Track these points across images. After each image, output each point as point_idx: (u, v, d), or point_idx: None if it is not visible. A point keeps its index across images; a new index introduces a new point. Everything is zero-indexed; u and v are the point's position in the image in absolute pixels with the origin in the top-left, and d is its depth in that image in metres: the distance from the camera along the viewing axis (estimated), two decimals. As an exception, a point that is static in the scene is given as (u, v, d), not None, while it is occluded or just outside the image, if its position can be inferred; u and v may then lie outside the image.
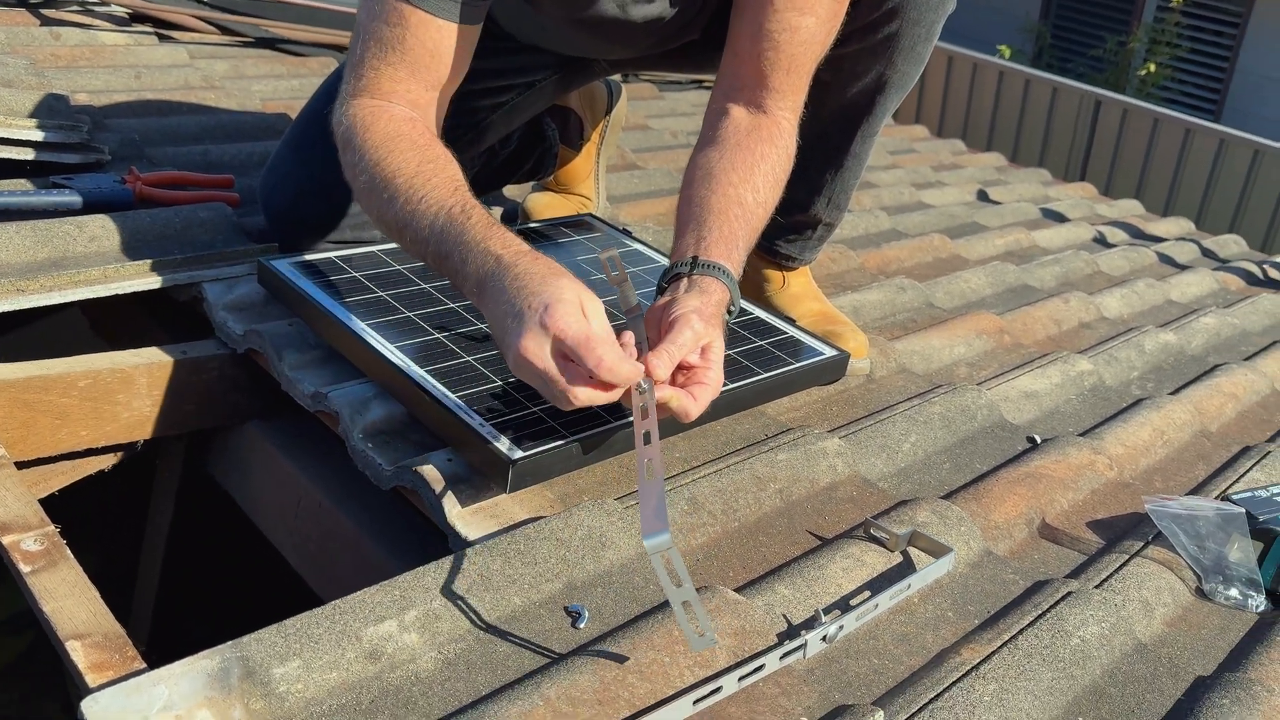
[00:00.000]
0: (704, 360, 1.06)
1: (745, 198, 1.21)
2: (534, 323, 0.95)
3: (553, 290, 0.97)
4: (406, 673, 0.83)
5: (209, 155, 1.81)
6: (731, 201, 1.19)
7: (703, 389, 1.04)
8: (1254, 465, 1.43)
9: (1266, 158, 3.78)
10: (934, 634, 0.99)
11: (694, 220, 1.19)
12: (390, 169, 1.11)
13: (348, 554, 1.21)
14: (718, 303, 1.11)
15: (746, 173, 1.22)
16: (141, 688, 0.74)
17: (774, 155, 1.25)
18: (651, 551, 0.87)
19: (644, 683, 0.84)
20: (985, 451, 1.38)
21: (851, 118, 1.43)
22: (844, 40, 1.34)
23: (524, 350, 0.95)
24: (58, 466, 1.29)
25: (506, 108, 1.56)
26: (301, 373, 1.23)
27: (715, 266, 1.13)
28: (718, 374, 1.06)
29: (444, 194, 1.08)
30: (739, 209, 1.19)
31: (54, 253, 1.35)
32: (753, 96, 1.27)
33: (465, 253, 1.04)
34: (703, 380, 1.05)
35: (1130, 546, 1.17)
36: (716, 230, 1.16)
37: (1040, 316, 1.92)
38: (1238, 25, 6.74)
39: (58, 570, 0.92)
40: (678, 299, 1.09)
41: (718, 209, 1.18)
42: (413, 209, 1.08)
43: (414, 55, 1.17)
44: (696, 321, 1.04)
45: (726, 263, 1.14)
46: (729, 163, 1.22)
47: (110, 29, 2.40)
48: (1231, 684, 0.95)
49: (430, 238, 1.07)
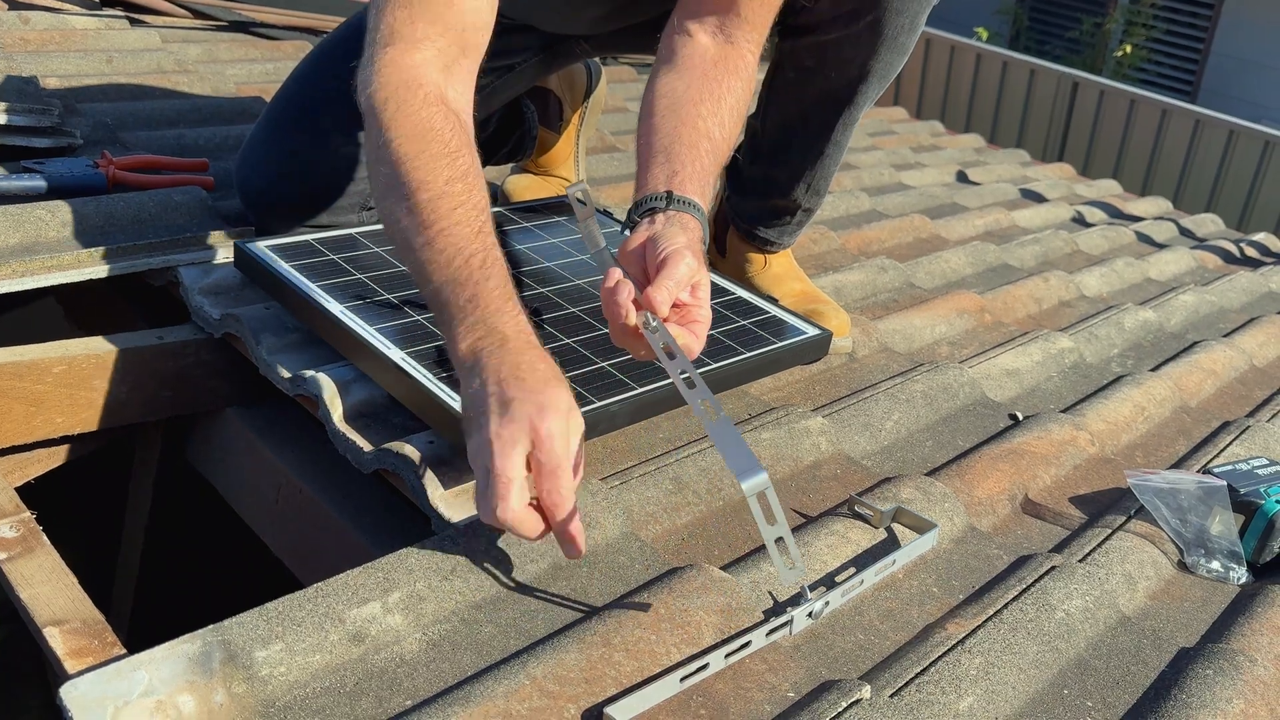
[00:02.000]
0: (694, 298, 1.03)
1: (713, 132, 1.17)
2: (522, 419, 0.87)
3: (550, 397, 0.90)
4: (391, 654, 0.83)
5: (183, 139, 1.79)
6: (701, 135, 1.15)
7: (699, 326, 1.02)
8: (1234, 440, 1.44)
9: (1242, 138, 3.81)
10: (919, 609, 1.00)
11: (663, 152, 1.14)
12: (416, 177, 1.01)
13: (330, 539, 1.20)
14: (698, 239, 1.07)
15: (714, 105, 1.18)
16: (121, 673, 0.73)
17: (739, 88, 1.22)
18: (750, 492, 0.87)
19: (630, 661, 0.84)
20: (968, 429, 1.38)
21: (833, 105, 1.42)
22: (827, 26, 1.33)
23: (497, 437, 0.87)
24: (33, 454, 1.27)
25: (485, 90, 1.54)
26: (280, 356, 1.21)
27: (690, 203, 1.09)
28: (708, 311, 1.04)
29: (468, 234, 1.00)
30: (708, 143, 1.15)
31: (26, 238, 1.32)
32: (721, 24, 1.22)
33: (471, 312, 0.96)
34: (697, 318, 1.03)
35: (1113, 521, 1.17)
36: (689, 165, 1.12)
37: (1021, 295, 1.93)
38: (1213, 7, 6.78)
39: (34, 557, 0.91)
40: (661, 234, 1.04)
41: (688, 142, 1.14)
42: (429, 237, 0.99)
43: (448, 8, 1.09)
44: (690, 258, 1.01)
45: (699, 199, 1.10)
46: (696, 94, 1.18)
47: (81, 13, 2.36)
48: (1214, 654, 0.96)
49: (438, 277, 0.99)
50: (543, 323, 1.27)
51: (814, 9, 1.32)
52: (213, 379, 1.33)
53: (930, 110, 4.47)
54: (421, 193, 1.01)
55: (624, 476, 1.09)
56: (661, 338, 0.97)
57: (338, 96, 1.40)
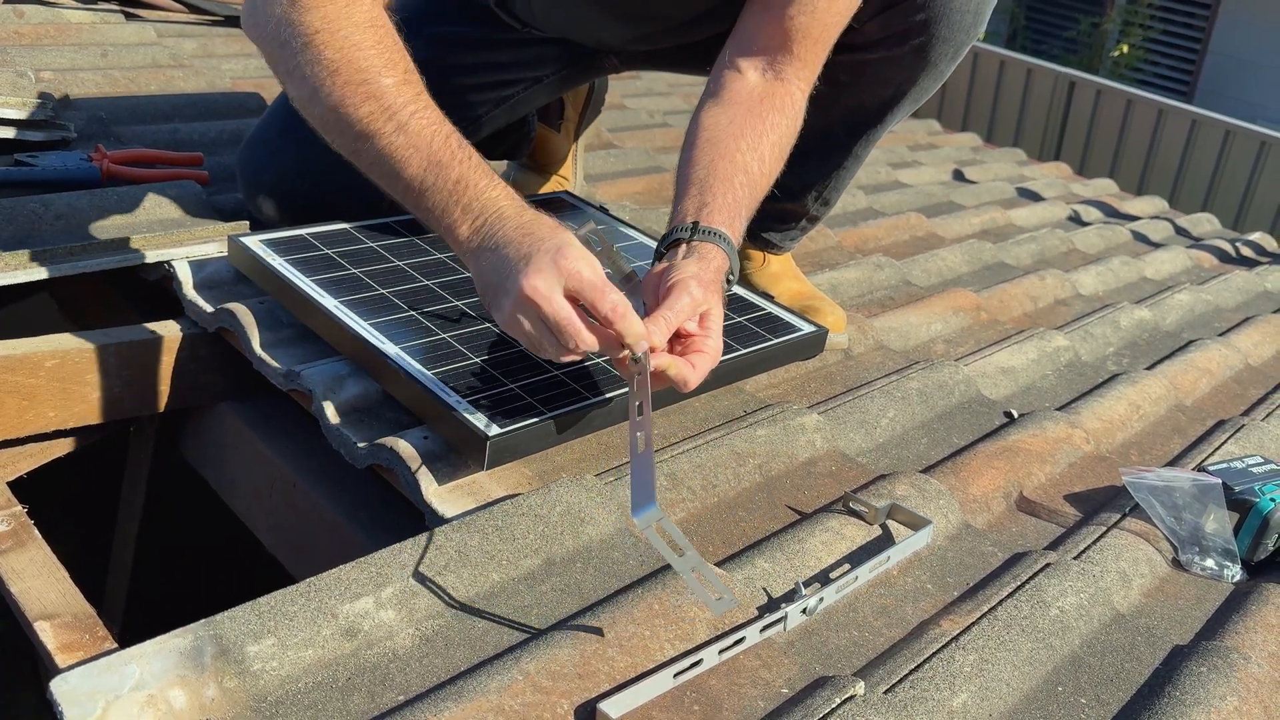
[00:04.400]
0: (702, 328, 1.02)
1: (751, 166, 1.16)
2: (546, 261, 0.88)
3: (563, 237, 0.91)
4: (383, 650, 0.82)
5: (178, 133, 1.78)
6: (738, 169, 1.14)
7: (701, 357, 1.00)
8: (1228, 438, 1.44)
9: (1237, 138, 3.82)
10: (914, 606, 0.99)
11: (696, 184, 1.13)
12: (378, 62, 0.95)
13: (323, 534, 1.20)
14: (716, 269, 1.06)
15: (755, 140, 1.17)
16: (112, 667, 0.73)
17: (784, 125, 1.21)
18: (642, 526, 0.86)
19: (624, 656, 0.83)
20: (963, 426, 1.38)
21: (860, 122, 1.41)
22: (873, 46, 1.31)
23: (531, 290, 0.88)
24: (26, 449, 1.26)
25: (510, 102, 1.53)
26: (274, 351, 1.21)
27: (716, 233, 1.08)
28: (717, 342, 1.02)
29: (437, 117, 0.96)
30: (744, 177, 1.15)
31: (19, 231, 1.32)
32: (772, 60, 1.21)
33: (463, 194, 0.95)
34: (701, 349, 1.01)
35: (1107, 519, 1.17)
36: (720, 197, 1.11)
37: (1016, 294, 1.93)
38: (1210, 7, 6.79)
39: (26, 551, 0.90)
40: (675, 265, 1.04)
41: (723, 175, 1.13)
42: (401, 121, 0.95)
43: None
44: (695, 287, 1.00)
45: (728, 230, 1.09)
46: (738, 128, 1.17)
47: (76, 7, 2.35)
48: (1208, 652, 0.96)
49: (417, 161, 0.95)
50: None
51: (862, 29, 1.29)
52: (206, 373, 1.33)
53: (927, 109, 4.47)
54: (386, 77, 0.96)
55: (618, 473, 1.09)
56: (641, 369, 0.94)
57: None
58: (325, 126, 1.02)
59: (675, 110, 2.94)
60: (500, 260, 0.92)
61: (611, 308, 0.91)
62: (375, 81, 0.96)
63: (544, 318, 0.90)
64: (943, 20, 1.27)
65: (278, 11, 1.00)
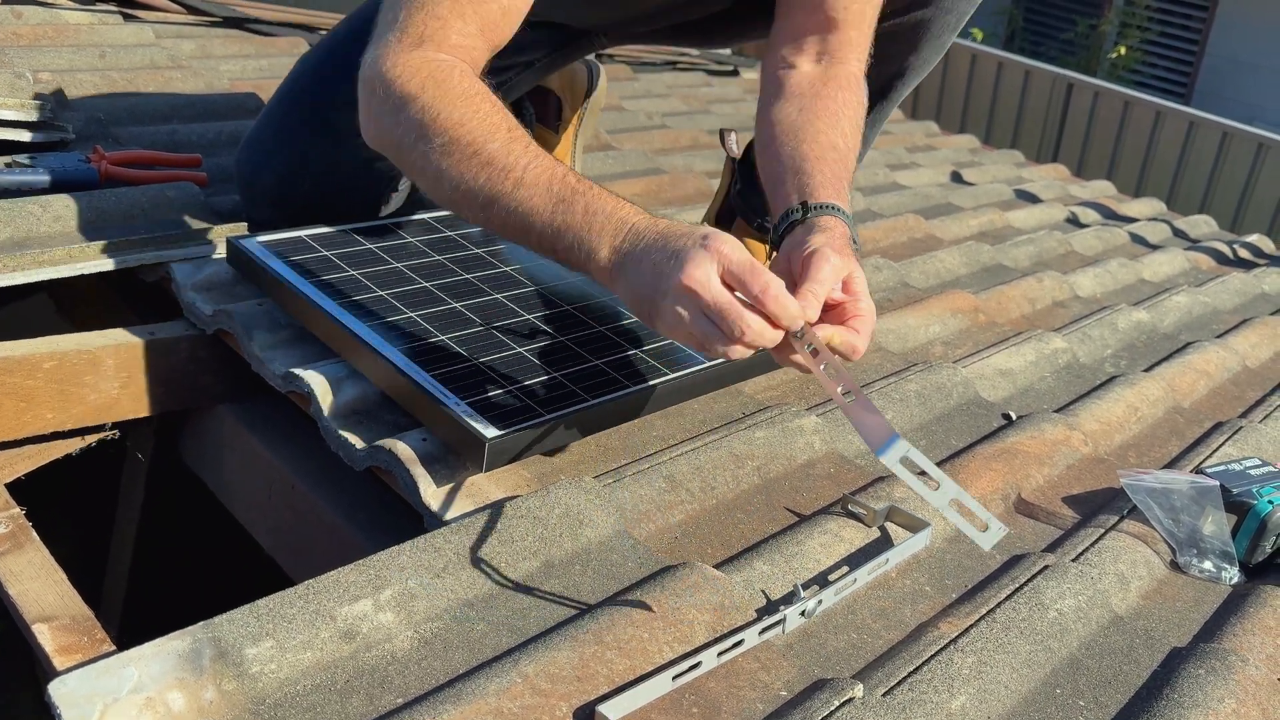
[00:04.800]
0: (850, 293, 0.99)
1: (837, 143, 1.16)
2: (697, 252, 0.89)
3: (703, 229, 0.92)
4: (382, 652, 0.82)
5: (176, 135, 1.78)
6: (826, 148, 1.14)
7: (860, 320, 0.98)
8: (1226, 440, 1.44)
9: (1235, 140, 3.82)
10: (912, 608, 1.00)
11: (791, 171, 1.13)
12: (483, 129, 0.99)
13: (322, 537, 1.20)
14: (841, 236, 1.05)
15: (832, 120, 1.17)
16: (110, 669, 0.73)
17: (853, 101, 1.21)
18: (890, 464, 0.84)
19: (623, 659, 0.83)
20: (961, 428, 1.38)
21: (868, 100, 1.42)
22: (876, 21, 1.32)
23: (689, 280, 0.89)
24: (23, 450, 1.26)
25: (504, 89, 1.53)
26: (272, 353, 1.21)
27: (828, 206, 1.08)
28: (869, 303, 1.00)
29: (550, 162, 0.99)
30: (834, 153, 1.14)
31: (17, 233, 1.32)
32: (824, 46, 1.22)
33: (594, 221, 0.96)
34: (857, 313, 0.99)
35: (1106, 521, 1.17)
36: (818, 175, 1.11)
37: (1014, 295, 1.93)
38: (1207, 9, 6.80)
39: (24, 553, 0.90)
40: (800, 242, 1.02)
41: (813, 156, 1.13)
42: (518, 177, 0.98)
43: (488, 11, 1.04)
44: (831, 255, 0.98)
45: (837, 200, 1.09)
46: (811, 113, 1.17)
47: (74, 8, 2.35)
48: (1206, 654, 0.96)
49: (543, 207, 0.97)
50: (538, 320, 1.27)
51: None
52: (205, 375, 1.33)
53: (925, 111, 4.47)
54: (492, 142, 0.99)
55: (617, 475, 1.09)
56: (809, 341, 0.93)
57: (350, 101, 1.39)
58: (456, 205, 1.04)
59: (674, 112, 2.94)
60: (649, 267, 0.93)
61: (763, 288, 0.89)
62: (484, 149, 0.99)
63: (704, 307, 0.89)
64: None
65: (387, 118, 1.04)
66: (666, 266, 0.91)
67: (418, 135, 1.01)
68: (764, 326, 0.90)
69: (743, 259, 0.90)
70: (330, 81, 1.41)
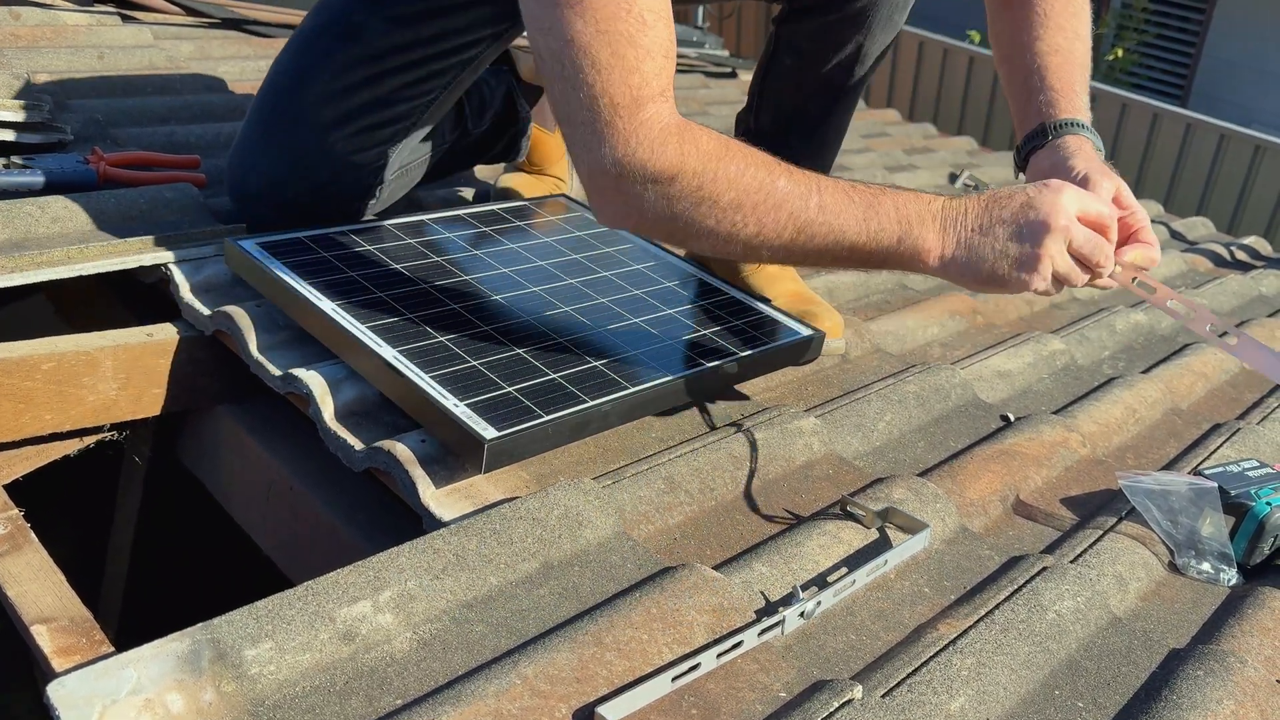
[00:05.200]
0: (1125, 208, 1.08)
1: (1061, 44, 1.21)
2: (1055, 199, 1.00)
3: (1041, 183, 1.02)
4: (381, 654, 0.82)
5: (174, 136, 1.78)
6: (1053, 51, 1.20)
7: (1144, 231, 1.09)
8: (1224, 442, 1.44)
9: (1232, 142, 3.83)
10: (911, 610, 1.00)
11: (1026, 87, 1.20)
12: (759, 178, 1.01)
13: (320, 538, 1.20)
14: (1093, 153, 1.14)
15: (1050, 20, 1.22)
16: (109, 671, 0.72)
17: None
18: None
19: (622, 660, 0.83)
20: (959, 430, 1.38)
21: (830, 90, 1.43)
22: (824, 8, 1.34)
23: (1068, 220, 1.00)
24: (22, 451, 1.26)
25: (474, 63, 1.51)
26: (271, 354, 1.21)
27: (1070, 124, 1.16)
28: (1141, 211, 1.10)
29: (830, 180, 1.04)
30: (1062, 56, 1.20)
31: (15, 234, 1.32)
32: None
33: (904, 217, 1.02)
34: (1139, 224, 1.09)
35: (1104, 522, 1.18)
36: (1054, 88, 1.18)
37: (1012, 297, 1.93)
38: (1204, 11, 6.81)
39: (22, 554, 0.90)
40: (1059, 167, 1.12)
41: (1046, 66, 1.20)
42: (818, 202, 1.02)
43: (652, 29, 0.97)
44: (1100, 178, 1.08)
45: (1078, 115, 1.17)
46: (1027, 17, 1.23)
47: (72, 9, 2.35)
48: (1205, 656, 0.96)
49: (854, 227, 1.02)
50: (537, 321, 1.27)
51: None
52: (203, 376, 1.33)
53: (923, 112, 4.47)
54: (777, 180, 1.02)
55: (616, 476, 1.09)
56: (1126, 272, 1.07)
57: (333, 92, 1.39)
58: (755, 250, 1.05)
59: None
60: (1004, 234, 1.02)
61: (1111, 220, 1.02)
62: (775, 191, 1.01)
63: (1076, 248, 1.01)
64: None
65: (653, 202, 1.01)
66: (1030, 225, 1.00)
67: (695, 202, 1.00)
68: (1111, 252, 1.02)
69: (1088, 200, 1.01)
70: (309, 75, 1.40)
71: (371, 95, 1.39)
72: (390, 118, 1.41)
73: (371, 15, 1.37)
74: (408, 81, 1.39)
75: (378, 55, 1.37)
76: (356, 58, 1.37)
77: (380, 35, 1.37)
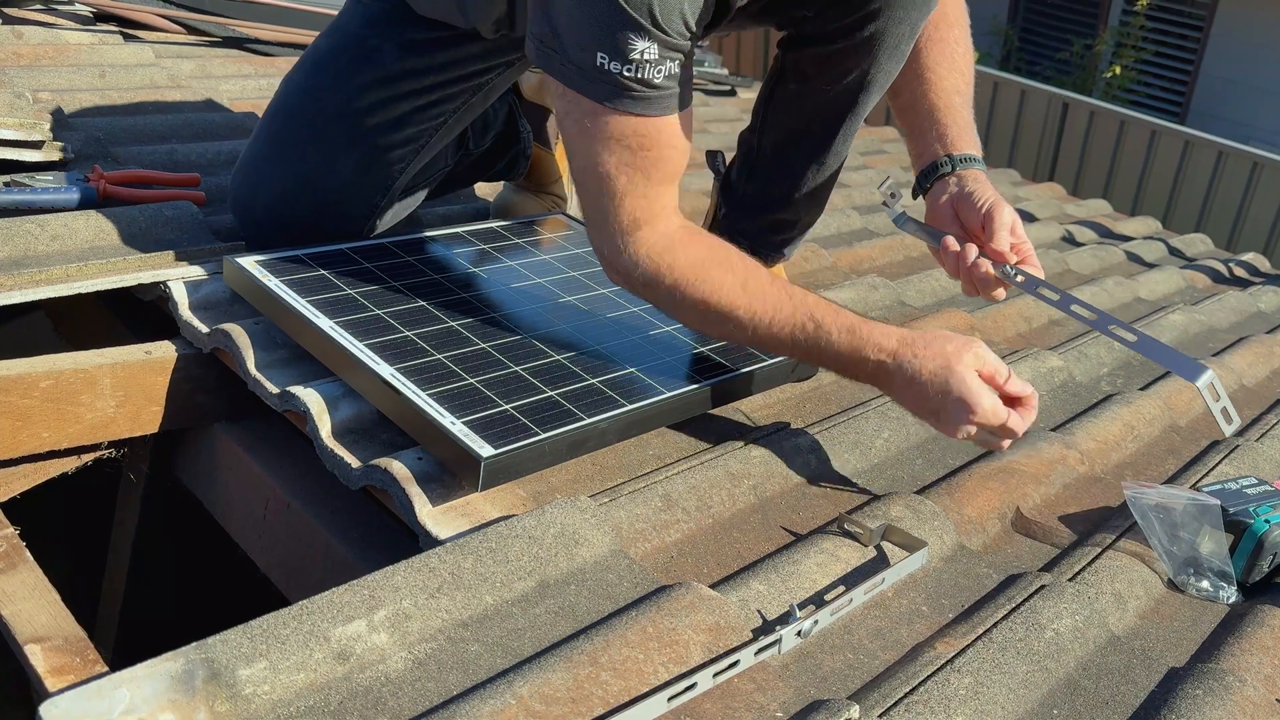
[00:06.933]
0: (1017, 235, 1.25)
1: (960, 85, 1.37)
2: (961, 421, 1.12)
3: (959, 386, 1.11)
4: (376, 673, 0.82)
5: (175, 154, 1.79)
6: (952, 92, 1.35)
7: (1033, 257, 1.26)
8: (1223, 459, 1.44)
9: (1230, 159, 3.83)
10: (909, 628, 0.99)
11: (929, 118, 1.34)
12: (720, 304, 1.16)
13: (317, 555, 1.20)
14: (991, 183, 1.29)
15: (950, 63, 1.37)
16: (103, 691, 0.72)
17: (961, 35, 1.41)
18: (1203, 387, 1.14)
19: (618, 680, 0.83)
20: (958, 446, 1.38)
21: (834, 115, 1.43)
22: (831, 36, 1.34)
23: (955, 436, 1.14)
24: (19, 469, 1.26)
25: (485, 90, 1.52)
26: (268, 372, 1.21)
27: (972, 158, 1.31)
28: (1029, 244, 1.26)
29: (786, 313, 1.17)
30: (959, 98, 1.36)
31: (15, 251, 1.32)
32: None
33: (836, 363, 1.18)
34: (1028, 253, 1.26)
35: (1102, 540, 1.17)
36: (954, 124, 1.32)
37: (1010, 314, 1.93)
38: (1201, 29, 6.84)
39: (17, 573, 0.90)
40: (968, 192, 1.27)
41: (947, 104, 1.34)
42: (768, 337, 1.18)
43: (665, 162, 1.15)
44: (1005, 205, 1.25)
45: (974, 151, 1.32)
46: (933, 56, 1.37)
47: (74, 28, 2.36)
48: (1204, 675, 0.95)
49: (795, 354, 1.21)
50: (534, 339, 1.27)
51: (817, 18, 1.34)
52: (201, 394, 1.33)
53: (922, 129, 4.48)
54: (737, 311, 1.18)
55: (613, 494, 1.08)
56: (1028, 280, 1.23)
57: (343, 113, 1.40)
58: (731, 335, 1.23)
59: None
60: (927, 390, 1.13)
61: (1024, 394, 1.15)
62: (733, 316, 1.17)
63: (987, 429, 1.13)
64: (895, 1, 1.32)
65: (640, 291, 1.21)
66: (947, 398, 1.12)
67: (670, 305, 1.20)
68: (1019, 421, 1.13)
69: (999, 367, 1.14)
70: (323, 97, 1.41)
71: (383, 117, 1.40)
72: (400, 140, 1.41)
73: (386, 40, 1.37)
74: (419, 105, 1.40)
75: (391, 79, 1.37)
76: (369, 80, 1.38)
77: (394, 59, 1.37)
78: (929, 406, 1.14)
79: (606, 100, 1.07)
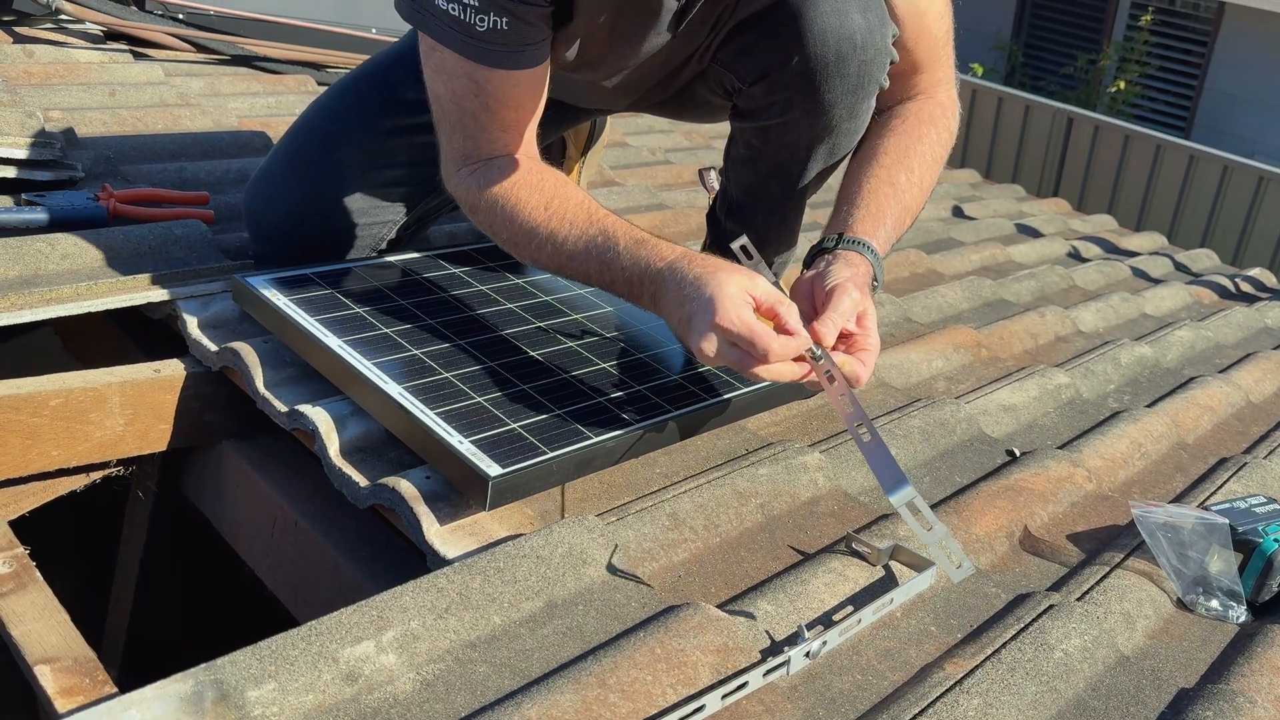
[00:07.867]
0: (861, 327, 1.12)
1: (898, 179, 1.26)
2: (704, 326, 1.04)
3: (715, 287, 1.05)
4: (384, 694, 0.82)
5: (184, 172, 1.80)
6: (884, 182, 1.26)
7: (867, 354, 1.11)
8: (1231, 477, 1.43)
9: (1236, 173, 3.84)
10: (917, 648, 0.99)
11: (847, 200, 1.26)
12: (523, 223, 1.19)
13: (325, 575, 1.20)
14: (865, 274, 1.18)
15: (902, 155, 1.28)
16: (112, 712, 0.72)
17: (933, 135, 1.31)
18: (898, 504, 1.01)
19: (626, 702, 0.83)
20: (965, 465, 1.38)
21: (785, 177, 1.40)
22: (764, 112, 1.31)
23: (703, 351, 1.05)
24: (28, 487, 1.27)
25: None
26: (277, 390, 1.21)
27: (860, 242, 1.21)
28: (876, 339, 1.13)
29: (580, 228, 1.16)
30: (890, 189, 1.25)
31: (25, 270, 1.33)
32: (910, 85, 1.32)
33: (622, 276, 1.14)
34: (865, 346, 1.12)
35: (1111, 558, 1.17)
36: (865, 209, 1.24)
37: (1017, 330, 1.93)
38: (1206, 44, 6.85)
39: (27, 593, 0.90)
40: (827, 271, 1.16)
41: (870, 190, 1.25)
42: (564, 253, 1.17)
43: (492, 112, 1.20)
44: (853, 289, 1.12)
45: (871, 239, 1.22)
46: (886, 145, 1.29)
47: (85, 46, 2.38)
48: (1214, 695, 0.95)
49: (589, 272, 1.17)
50: (541, 357, 1.28)
51: (749, 94, 1.31)
52: (209, 412, 1.33)
53: (927, 145, 4.49)
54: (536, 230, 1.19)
55: (620, 513, 1.08)
56: (825, 364, 1.08)
57: (362, 137, 1.41)
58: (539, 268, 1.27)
59: (676, 148, 2.96)
60: (674, 321, 1.10)
61: (764, 353, 1.03)
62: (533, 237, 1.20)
63: (734, 339, 1.04)
64: (821, 88, 1.25)
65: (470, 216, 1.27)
66: (688, 328, 1.06)
67: (486, 227, 1.25)
68: (784, 346, 1.03)
69: (741, 329, 1.03)
70: (342, 118, 1.43)
71: (400, 144, 1.41)
72: (413, 171, 1.43)
73: (407, 73, 1.39)
74: None
75: (410, 108, 1.39)
76: (390, 108, 1.41)
77: (413, 91, 1.38)
78: (684, 312, 1.07)
79: (435, 35, 1.15)
